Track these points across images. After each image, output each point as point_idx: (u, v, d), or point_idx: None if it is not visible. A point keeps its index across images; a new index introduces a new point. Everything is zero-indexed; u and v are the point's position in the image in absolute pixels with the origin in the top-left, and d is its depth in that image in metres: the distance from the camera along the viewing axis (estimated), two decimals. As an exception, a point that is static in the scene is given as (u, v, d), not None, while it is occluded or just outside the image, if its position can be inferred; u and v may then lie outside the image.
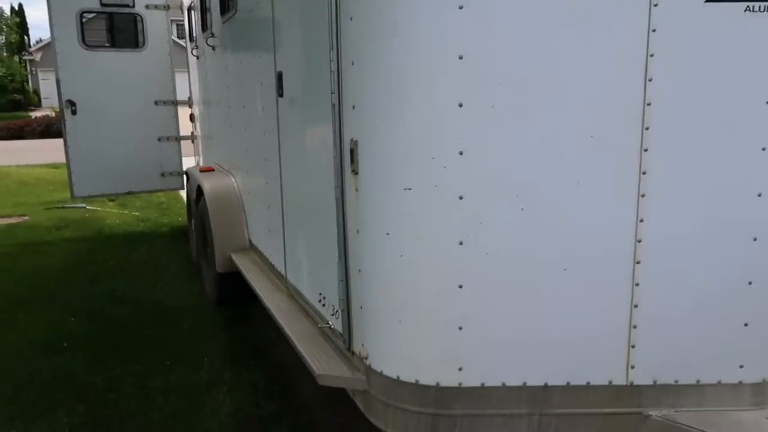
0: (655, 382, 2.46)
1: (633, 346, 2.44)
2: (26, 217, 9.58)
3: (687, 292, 2.39)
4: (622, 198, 2.29)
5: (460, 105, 2.22)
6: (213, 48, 5.70)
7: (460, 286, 2.38)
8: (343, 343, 2.86)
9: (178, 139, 8.28)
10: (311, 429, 3.46)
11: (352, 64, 2.44)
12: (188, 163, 8.19)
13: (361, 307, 2.65)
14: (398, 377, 2.52)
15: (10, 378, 3.96)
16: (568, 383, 2.46)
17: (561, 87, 2.20)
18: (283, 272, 3.95)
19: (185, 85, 7.97)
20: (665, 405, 2.48)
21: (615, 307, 2.41)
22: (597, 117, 2.23)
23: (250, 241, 5.11)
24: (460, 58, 2.18)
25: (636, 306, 2.40)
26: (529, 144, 2.25)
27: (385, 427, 2.62)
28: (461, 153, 2.25)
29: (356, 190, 2.55)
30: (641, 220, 2.32)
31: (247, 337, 4.73)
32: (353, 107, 2.48)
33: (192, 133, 8.17)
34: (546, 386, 2.46)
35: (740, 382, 2.50)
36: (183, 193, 10.47)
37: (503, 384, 2.45)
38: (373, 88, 2.37)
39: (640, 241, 2.34)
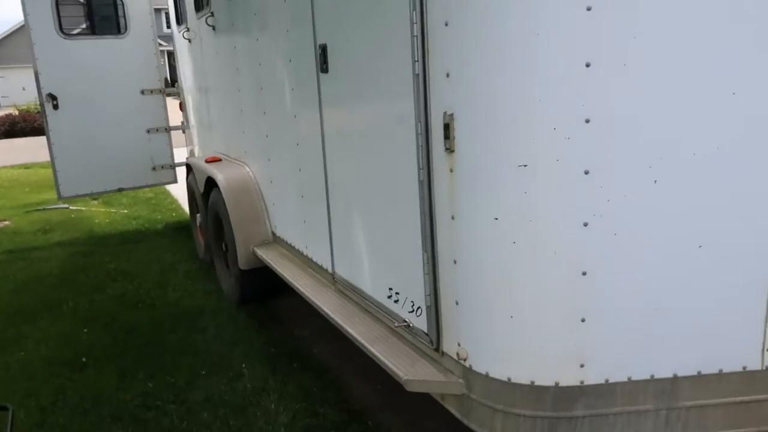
0: (793, 364, 2.24)
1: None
2: (7, 222, 8.99)
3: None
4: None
5: (588, 65, 1.92)
6: (213, 28, 5.27)
7: (584, 273, 2.10)
8: (430, 343, 2.57)
9: (168, 129, 7.81)
10: (381, 434, 3.17)
11: (446, 24, 2.11)
12: (179, 154, 7.75)
13: (456, 303, 2.36)
14: (509, 379, 2.24)
15: (32, 401, 3.57)
16: (699, 372, 2.22)
17: (710, 43, 1.91)
18: (328, 266, 3.62)
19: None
20: (803, 389, 2.26)
21: (752, 287, 2.16)
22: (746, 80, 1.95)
23: (273, 234, 4.76)
24: (588, 9, 1.87)
25: (766, 283, 2.16)
26: (666, 108, 1.96)
27: (493, 434, 2.35)
28: (587, 121, 1.96)
29: (451, 170, 2.23)
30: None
31: (281, 337, 4.40)
32: (447, 75, 2.15)
33: (182, 122, 7.70)
34: (675, 377, 2.21)
35: None
36: (171, 188, 10.08)
37: (629, 378, 2.20)
38: (476, 51, 2.05)
39: None
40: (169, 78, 20.88)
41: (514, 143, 2.04)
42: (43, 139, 7.59)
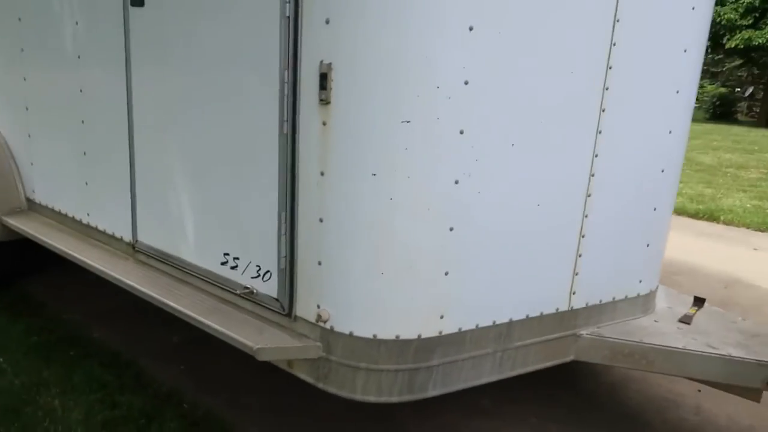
0: (587, 304, 2.71)
1: (577, 274, 2.62)
2: None
3: (614, 223, 2.66)
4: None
5: (471, 28, 2.00)
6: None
7: (451, 229, 2.21)
8: (281, 309, 2.42)
9: None
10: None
11: (332, -33, 1.98)
12: None
13: (319, 263, 2.26)
14: (374, 336, 2.25)
15: None
16: (527, 316, 2.53)
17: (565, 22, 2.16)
18: (125, 235, 3.13)
19: None
20: (591, 324, 2.76)
21: (566, 248, 2.55)
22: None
23: (29, 200, 3.91)
24: (475, -29, 1.96)
25: (584, 236, 2.58)
26: (535, 72, 2.17)
27: (353, 394, 2.33)
28: (466, 83, 2.05)
29: (324, 123, 2.12)
30: (593, 175, 2.49)
31: (46, 324, 3.65)
32: (327, 21, 2.02)
33: None
34: (510, 322, 2.49)
35: (638, 295, 2.92)
36: None
37: (476, 326, 2.40)
38: (365, 1, 1.97)
39: (593, 175, 2.50)
40: None
41: (398, 99, 2.03)
42: None
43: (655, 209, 2.82)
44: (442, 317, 2.29)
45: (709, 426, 3.15)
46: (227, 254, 2.60)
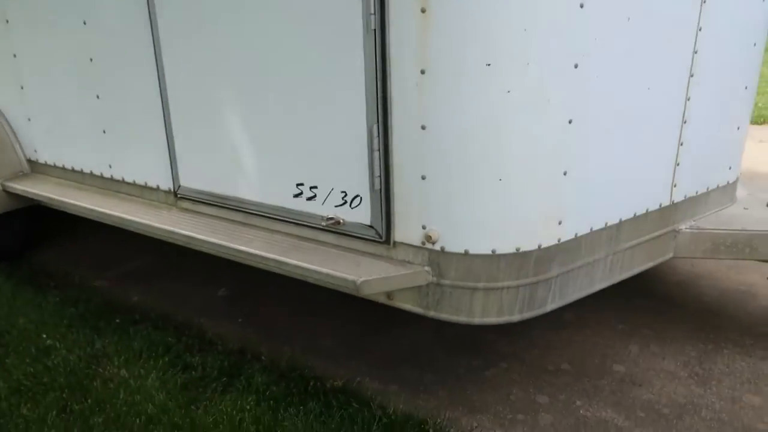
0: (685, 196, 2.54)
1: (678, 165, 2.44)
2: None
3: (711, 106, 2.46)
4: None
5: None
6: None
7: (570, 122, 1.97)
8: (377, 236, 2.17)
9: None
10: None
11: None
12: None
13: (423, 178, 2.00)
14: (493, 251, 2.03)
15: None
16: (634, 214, 2.35)
17: None
18: (163, 183, 2.80)
19: None
20: (688, 217, 2.60)
21: (666, 145, 2.35)
22: None
23: (31, 162, 3.49)
24: None
25: (685, 122, 2.37)
26: None
27: (471, 317, 2.13)
28: None
29: (422, 10, 1.81)
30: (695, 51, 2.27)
31: (80, 293, 3.33)
32: None
33: None
34: (620, 222, 2.30)
35: (727, 183, 2.77)
36: None
37: (591, 229, 2.20)
38: None
39: (696, 52, 2.28)
40: None
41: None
42: None
43: (746, 88, 2.63)
44: (560, 223, 2.09)
45: (792, 311, 3.09)
46: (301, 184, 2.31)
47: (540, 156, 1.96)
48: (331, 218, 2.25)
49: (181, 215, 2.75)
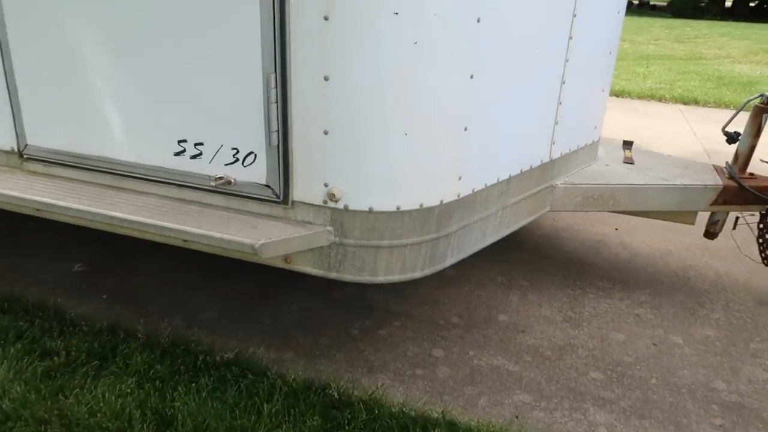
0: (561, 153, 2.70)
1: (557, 123, 2.57)
2: None
3: (584, 69, 2.62)
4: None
5: None
6: None
7: (472, 77, 1.96)
8: (274, 196, 2.02)
9: None
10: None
11: None
12: None
13: (326, 132, 1.89)
14: (398, 208, 1.99)
15: None
16: (521, 171, 2.44)
17: None
18: (5, 140, 2.36)
19: None
20: (562, 174, 2.77)
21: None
22: None
23: None
24: None
25: (564, 83, 2.49)
26: None
27: (374, 276, 2.09)
28: None
29: (327, -51, 1.68)
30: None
31: None
32: None
33: None
34: (509, 178, 2.38)
35: (593, 141, 2.99)
36: None
37: (485, 185, 2.25)
38: None
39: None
40: None
41: None
42: None
43: (610, 53, 2.83)
44: (460, 179, 2.10)
45: (638, 256, 3.47)
46: (183, 141, 2.08)
47: (444, 110, 1.94)
48: (221, 178, 2.06)
49: (29, 179, 2.35)
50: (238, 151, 2.01)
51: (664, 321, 2.82)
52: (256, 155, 1.99)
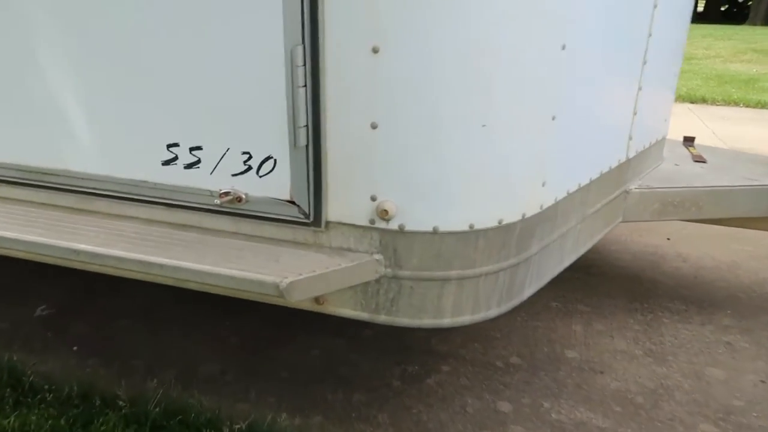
0: (636, 151, 2.21)
1: (635, 113, 2.08)
2: None
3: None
4: None
5: None
6: None
7: (563, 47, 1.46)
8: (303, 214, 1.49)
9: None
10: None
11: None
12: None
13: (374, 126, 1.36)
14: (471, 227, 1.47)
15: None
16: (600, 173, 1.94)
17: None
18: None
19: None
20: (636, 176, 2.28)
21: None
22: None
23: None
24: None
25: (645, 62, 2.01)
26: None
27: (439, 319, 1.56)
28: None
29: None
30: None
31: None
32: None
33: None
34: (590, 183, 1.88)
35: (662, 137, 2.51)
36: None
37: (567, 192, 1.75)
38: None
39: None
40: None
41: None
42: None
43: (679, 42, 2.36)
44: (543, 185, 1.59)
45: (703, 270, 3.00)
46: (174, 146, 1.53)
47: (531, 91, 1.43)
48: (227, 193, 1.51)
49: (-32, 204, 1.79)
50: (250, 157, 1.47)
51: (761, 350, 2.33)
52: (276, 161, 1.45)
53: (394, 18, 1.28)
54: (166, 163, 1.55)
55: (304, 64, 1.34)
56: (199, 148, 1.51)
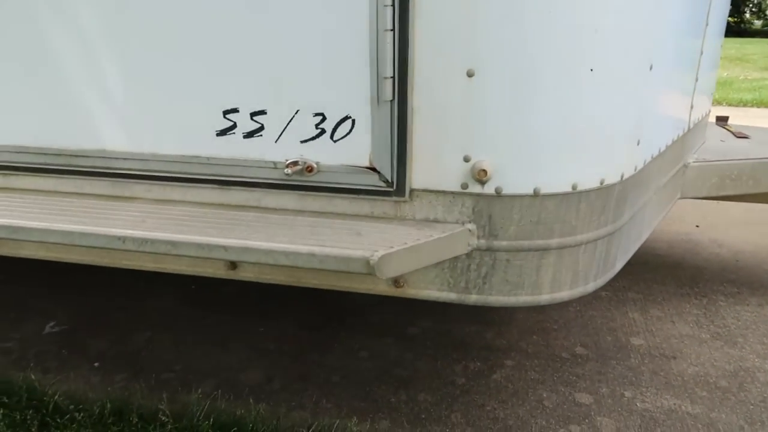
0: (694, 123, 2.10)
1: (697, 79, 1.97)
2: None
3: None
4: None
5: None
6: None
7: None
8: (385, 181, 1.31)
9: None
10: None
11: None
12: None
13: (470, 75, 1.20)
14: (574, 187, 1.31)
15: None
16: (672, 140, 1.82)
17: None
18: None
19: None
20: (692, 151, 2.17)
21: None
22: None
23: None
24: None
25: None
26: None
27: (537, 295, 1.39)
28: None
29: None
30: None
31: None
32: None
33: None
34: (666, 149, 1.75)
35: (709, 111, 2.42)
36: None
37: (652, 156, 1.61)
38: None
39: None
40: None
41: None
42: None
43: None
44: (638, 143, 1.45)
45: (742, 254, 2.90)
46: (233, 111, 1.35)
47: (633, 34, 1.30)
48: (295, 162, 1.33)
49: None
50: (324, 118, 1.30)
51: (827, 327, 2.23)
52: (354, 121, 1.28)
53: (497, -54, 1.13)
54: (222, 133, 1.37)
55: (393, 4, 1.18)
56: (262, 112, 1.33)
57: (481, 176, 1.26)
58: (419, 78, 1.23)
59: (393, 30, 1.20)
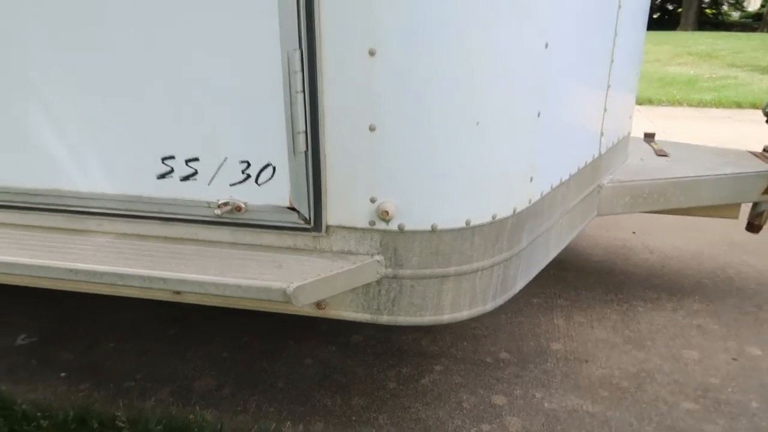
0: (607, 148, 2.32)
1: (606, 110, 2.19)
2: None
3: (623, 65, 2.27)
4: None
5: None
6: None
7: (546, 45, 1.54)
8: (303, 219, 1.51)
9: None
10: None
11: None
12: None
13: (372, 129, 1.41)
14: (468, 223, 1.53)
15: None
16: (578, 168, 2.04)
17: None
18: None
19: None
20: (607, 172, 2.40)
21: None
22: None
23: None
24: None
25: (613, 61, 2.12)
26: None
27: (438, 315, 1.60)
28: None
29: None
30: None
31: None
32: None
33: None
34: (570, 177, 1.97)
35: (628, 133, 2.64)
36: None
37: (551, 187, 1.83)
38: None
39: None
40: None
41: None
42: None
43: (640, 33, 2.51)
44: (531, 180, 1.66)
45: (669, 259, 3.15)
46: (169, 158, 1.54)
47: (519, 87, 1.51)
48: (226, 203, 1.53)
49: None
50: (248, 165, 1.50)
51: (730, 330, 2.47)
52: (274, 168, 1.48)
53: (389, 20, 1.33)
54: (162, 176, 1.56)
55: (302, 69, 1.37)
56: (195, 159, 1.52)
57: (384, 216, 1.47)
58: (330, 132, 1.43)
59: (303, 92, 1.39)
